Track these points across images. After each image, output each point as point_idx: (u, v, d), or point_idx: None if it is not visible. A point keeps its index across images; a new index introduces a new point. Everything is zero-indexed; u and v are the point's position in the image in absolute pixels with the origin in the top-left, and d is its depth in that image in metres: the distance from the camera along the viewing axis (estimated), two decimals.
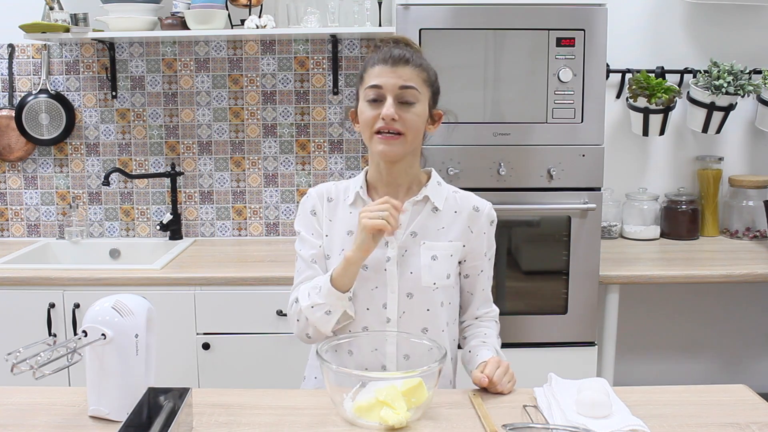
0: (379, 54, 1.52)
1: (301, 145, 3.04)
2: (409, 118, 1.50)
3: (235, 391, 1.47)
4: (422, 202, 1.60)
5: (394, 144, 1.50)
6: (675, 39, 3.02)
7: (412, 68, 1.51)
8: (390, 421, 1.27)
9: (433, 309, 1.58)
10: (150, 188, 3.07)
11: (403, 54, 1.52)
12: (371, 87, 1.51)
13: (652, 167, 3.13)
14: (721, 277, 2.56)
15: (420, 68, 1.53)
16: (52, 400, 1.43)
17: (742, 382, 1.57)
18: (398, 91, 1.50)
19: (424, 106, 1.54)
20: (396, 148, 1.51)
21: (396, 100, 1.50)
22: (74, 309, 2.46)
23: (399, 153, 1.52)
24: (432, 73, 1.58)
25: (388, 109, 1.48)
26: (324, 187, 1.66)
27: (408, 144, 1.52)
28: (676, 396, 1.45)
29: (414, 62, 1.52)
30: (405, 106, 1.51)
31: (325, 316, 1.52)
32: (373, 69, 1.52)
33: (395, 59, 1.51)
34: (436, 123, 1.61)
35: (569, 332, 2.53)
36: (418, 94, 1.52)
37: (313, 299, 1.52)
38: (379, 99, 1.51)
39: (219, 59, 2.99)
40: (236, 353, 2.49)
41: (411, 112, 1.51)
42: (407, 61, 1.51)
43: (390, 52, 1.52)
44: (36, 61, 2.99)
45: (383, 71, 1.50)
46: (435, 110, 1.60)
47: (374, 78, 1.51)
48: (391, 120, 1.48)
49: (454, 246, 1.59)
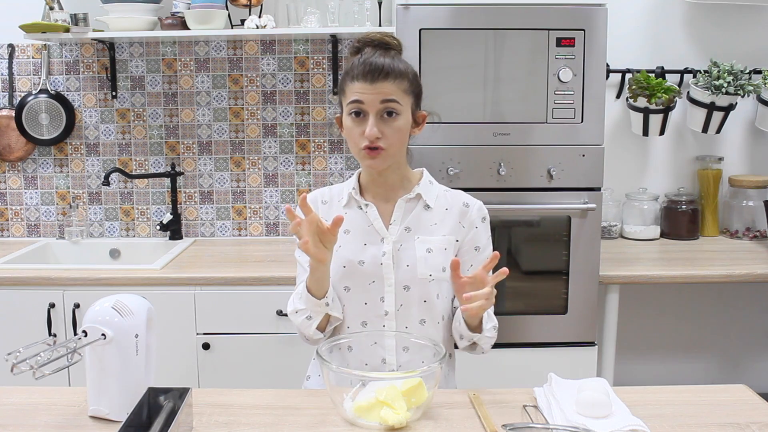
0: (358, 67, 1.53)
1: (301, 145, 3.04)
2: (391, 134, 1.53)
3: (235, 391, 1.47)
4: (414, 200, 1.63)
5: (379, 158, 1.54)
6: (675, 39, 3.03)
7: (391, 81, 1.52)
8: (390, 421, 1.27)
9: (429, 300, 1.60)
10: (150, 188, 3.07)
11: (381, 65, 1.52)
12: (353, 102, 1.53)
13: (652, 167, 3.13)
14: (721, 277, 2.56)
15: (400, 78, 1.53)
16: (52, 400, 1.43)
17: (742, 382, 1.57)
18: (380, 105, 1.52)
19: (406, 116, 1.56)
20: (381, 162, 1.55)
21: (378, 115, 1.52)
22: (74, 309, 2.46)
23: (384, 165, 1.57)
24: (412, 75, 1.58)
25: (370, 129, 1.51)
26: (318, 192, 1.70)
27: (393, 155, 1.56)
28: (676, 396, 1.45)
29: (393, 72, 1.52)
30: (387, 119, 1.53)
31: (306, 321, 1.55)
32: (354, 84, 1.53)
33: (374, 74, 1.51)
34: (421, 125, 1.63)
35: (569, 332, 2.53)
36: (400, 106, 1.54)
37: (295, 305, 1.57)
38: (361, 112, 1.53)
39: (219, 59, 2.99)
40: (236, 353, 2.49)
41: (393, 127, 1.53)
42: (387, 74, 1.51)
43: (369, 64, 1.52)
44: (36, 61, 2.99)
45: (364, 88, 1.52)
46: (419, 112, 1.61)
47: (355, 93, 1.53)
48: (375, 138, 1.52)
49: (447, 240, 1.61)
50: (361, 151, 1.55)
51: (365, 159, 1.55)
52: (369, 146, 1.52)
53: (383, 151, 1.53)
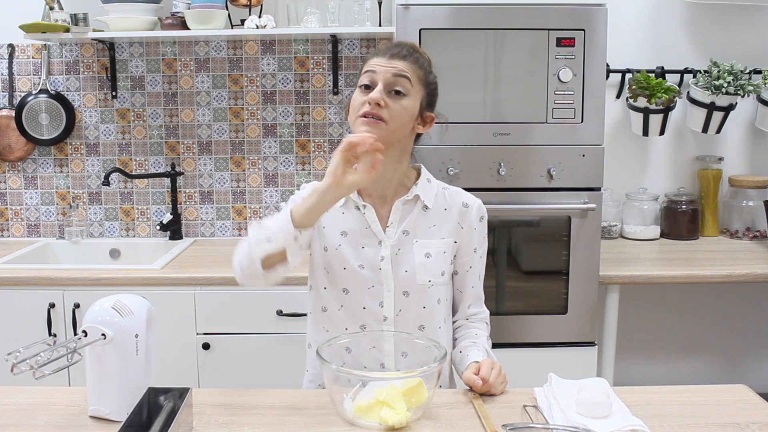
0: (379, 46, 1.58)
1: (301, 145, 3.04)
2: (395, 108, 1.50)
3: (235, 391, 1.47)
4: (412, 202, 1.61)
5: (375, 128, 1.48)
6: (675, 39, 3.03)
7: (408, 62, 1.54)
8: (390, 421, 1.27)
9: (429, 306, 1.59)
10: (150, 188, 3.07)
11: (402, 46, 1.56)
12: (365, 72, 1.54)
13: (652, 167, 3.13)
14: (721, 277, 2.56)
15: (417, 65, 1.55)
16: (52, 400, 1.43)
17: (742, 382, 1.57)
18: (390, 78, 1.51)
19: (414, 102, 1.54)
20: (377, 131, 1.47)
21: (387, 89, 1.51)
22: (74, 309, 2.46)
23: (379, 134, 1.47)
24: (430, 75, 1.59)
25: (375, 93, 1.49)
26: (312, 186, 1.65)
27: (390, 132, 1.50)
28: (676, 396, 1.45)
29: (412, 57, 1.55)
30: (395, 96, 1.51)
31: (264, 243, 1.41)
32: (371, 60, 1.55)
33: (394, 51, 1.54)
34: (428, 125, 1.60)
35: (569, 332, 2.53)
36: (410, 86, 1.52)
37: (263, 222, 1.43)
38: (371, 85, 1.52)
39: (219, 59, 2.99)
40: (236, 353, 2.49)
41: (399, 103, 1.51)
42: (405, 55, 1.54)
43: (392, 44, 1.57)
44: (36, 61, 2.99)
45: (380, 60, 1.54)
46: (427, 113, 1.59)
47: (371, 64, 1.54)
48: (377, 105, 1.48)
49: (446, 243, 1.60)
50: (358, 119, 1.50)
51: (361, 126, 1.48)
52: (369, 113, 1.48)
53: (382, 122, 1.48)
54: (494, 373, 1.44)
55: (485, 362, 1.47)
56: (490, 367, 1.45)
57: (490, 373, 1.43)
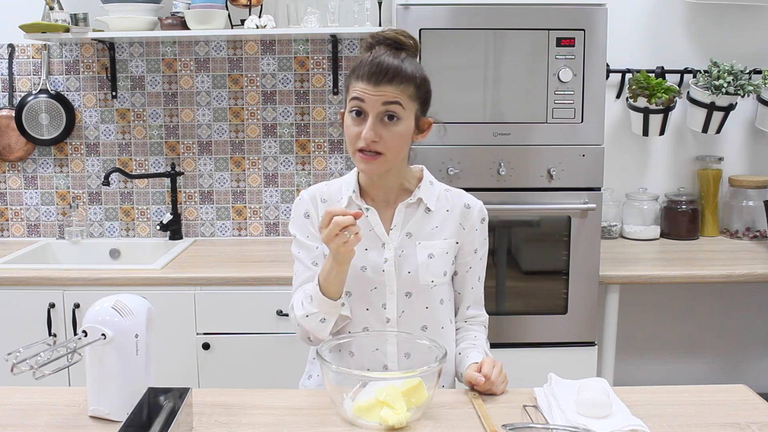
0: (364, 66, 1.48)
1: (301, 145, 3.04)
2: (389, 138, 1.48)
3: (235, 391, 1.47)
4: (415, 204, 1.61)
5: (373, 163, 1.50)
6: (675, 39, 3.02)
7: (396, 85, 1.47)
8: (390, 421, 1.27)
9: (432, 307, 1.60)
10: (150, 188, 3.07)
11: (388, 67, 1.47)
12: (354, 99, 1.50)
13: (652, 167, 3.13)
14: (721, 277, 2.56)
15: (405, 83, 1.48)
16: (52, 400, 1.43)
17: (742, 382, 1.57)
18: (380, 108, 1.48)
19: (408, 122, 1.51)
20: (376, 167, 1.51)
21: (378, 117, 1.48)
22: (74, 309, 2.46)
23: (379, 171, 1.53)
24: (420, 81, 1.52)
25: (367, 132, 1.47)
26: (316, 188, 1.66)
27: (389, 162, 1.52)
28: (676, 396, 1.45)
29: (399, 76, 1.47)
30: (387, 123, 1.48)
31: (321, 324, 1.53)
32: (358, 83, 1.49)
33: (379, 75, 1.46)
34: (425, 132, 1.59)
35: (569, 332, 2.53)
36: (402, 111, 1.49)
37: (306, 309, 1.53)
38: (362, 112, 1.49)
39: (219, 59, 2.99)
40: (236, 353, 2.49)
41: (393, 131, 1.49)
42: (392, 77, 1.47)
43: (376, 65, 1.47)
44: (36, 61, 2.99)
45: (367, 88, 1.47)
46: (423, 119, 1.57)
47: (358, 91, 1.49)
48: (371, 141, 1.48)
49: (448, 243, 1.60)
50: (356, 153, 1.51)
51: (360, 162, 1.52)
52: (364, 148, 1.49)
53: (380, 156, 1.49)
54: (496, 371, 1.44)
55: (487, 360, 1.47)
56: (492, 365, 1.45)
57: (491, 371, 1.44)
